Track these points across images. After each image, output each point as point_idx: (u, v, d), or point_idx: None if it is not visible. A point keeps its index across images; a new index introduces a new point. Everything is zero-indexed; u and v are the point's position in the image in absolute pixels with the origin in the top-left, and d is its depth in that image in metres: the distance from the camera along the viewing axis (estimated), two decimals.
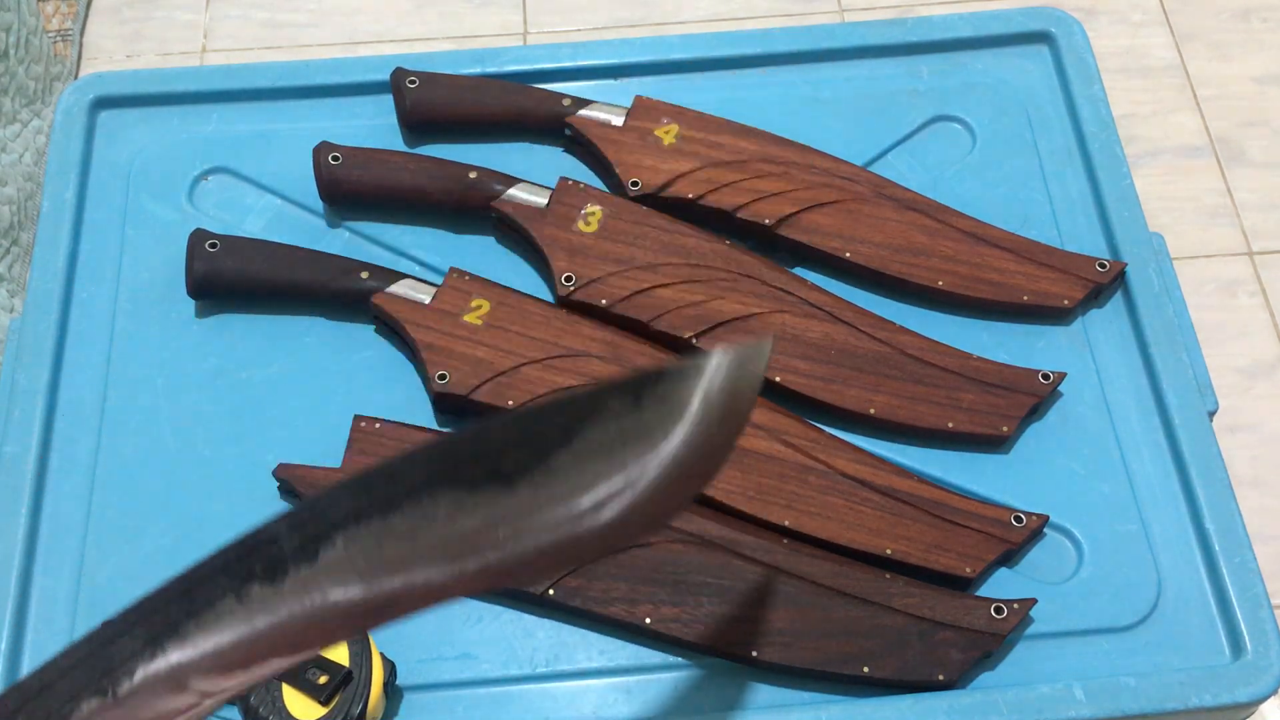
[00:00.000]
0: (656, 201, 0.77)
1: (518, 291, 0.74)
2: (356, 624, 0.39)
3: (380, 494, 0.39)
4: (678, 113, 0.80)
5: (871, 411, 0.71)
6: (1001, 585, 0.67)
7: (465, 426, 0.41)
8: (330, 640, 0.39)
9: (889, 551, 0.67)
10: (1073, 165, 0.81)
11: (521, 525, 0.40)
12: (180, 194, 0.81)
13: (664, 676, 0.65)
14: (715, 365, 0.43)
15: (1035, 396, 0.71)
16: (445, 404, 0.71)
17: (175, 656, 0.37)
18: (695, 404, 0.42)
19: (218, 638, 0.37)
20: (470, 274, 0.74)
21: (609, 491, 0.40)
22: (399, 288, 0.73)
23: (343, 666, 0.60)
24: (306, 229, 0.79)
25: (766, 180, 0.77)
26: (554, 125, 0.81)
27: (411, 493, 0.39)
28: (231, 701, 0.62)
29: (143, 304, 0.77)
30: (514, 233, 0.78)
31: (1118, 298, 0.76)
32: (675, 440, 0.41)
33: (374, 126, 0.83)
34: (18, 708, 0.35)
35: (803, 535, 0.67)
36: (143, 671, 0.36)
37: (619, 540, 0.41)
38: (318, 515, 0.39)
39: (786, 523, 0.67)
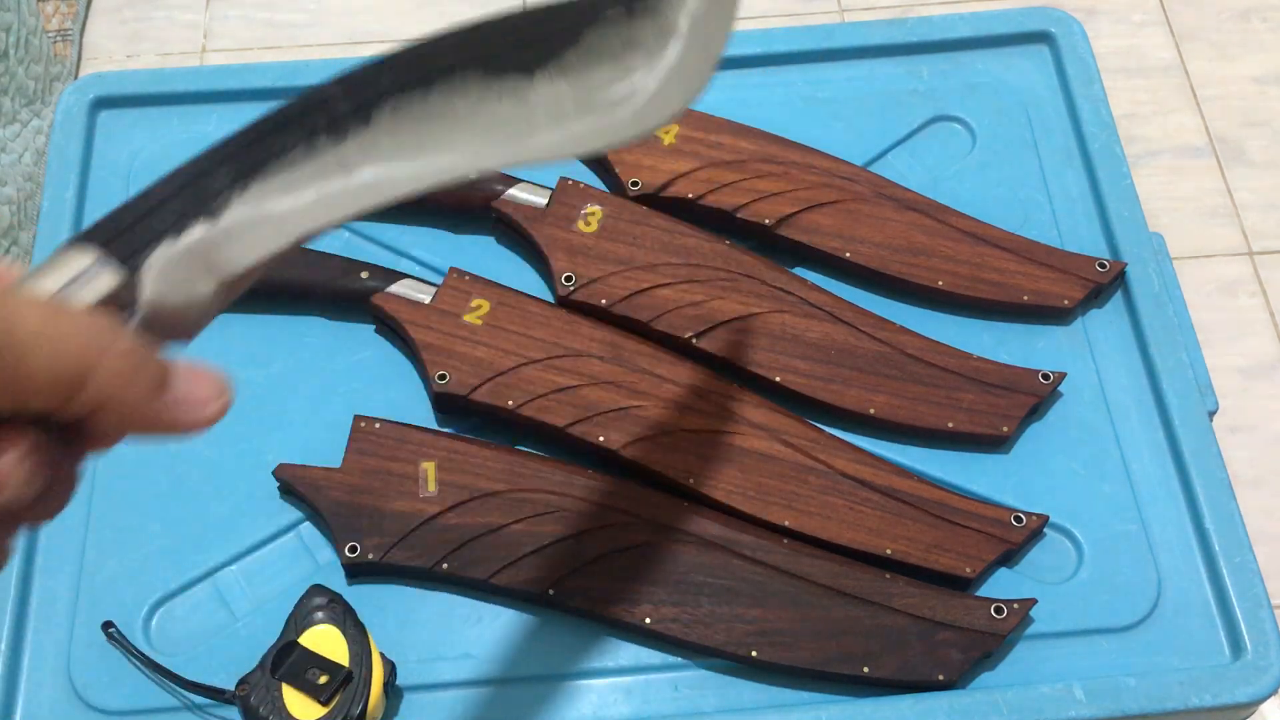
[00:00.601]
0: (656, 201, 0.77)
1: (518, 291, 0.74)
2: (409, 187, 0.42)
3: (418, 70, 0.42)
4: None
5: (871, 411, 0.71)
6: (1001, 585, 0.67)
7: (476, 21, 0.45)
8: (390, 193, 0.42)
9: (889, 551, 0.67)
10: (1073, 165, 0.81)
11: (547, 112, 0.43)
12: None
13: (664, 676, 0.65)
14: None
15: (1035, 396, 0.71)
16: (445, 404, 0.71)
17: (261, 192, 0.40)
18: (682, 22, 0.46)
19: (294, 180, 0.40)
20: (470, 274, 0.74)
21: (620, 91, 0.45)
22: (399, 288, 0.73)
23: (343, 666, 0.60)
24: None
25: (766, 180, 0.77)
26: None
27: (444, 71, 0.42)
28: (223, 699, 0.62)
29: None
30: (514, 233, 0.78)
31: (1118, 298, 0.76)
32: (671, 52, 0.46)
33: None
34: (132, 223, 0.38)
35: (803, 535, 0.67)
36: (237, 203, 0.39)
37: (630, 133, 0.45)
38: (367, 82, 0.42)
39: (786, 523, 0.67)
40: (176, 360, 0.38)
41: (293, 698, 0.60)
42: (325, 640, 0.61)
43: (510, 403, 0.69)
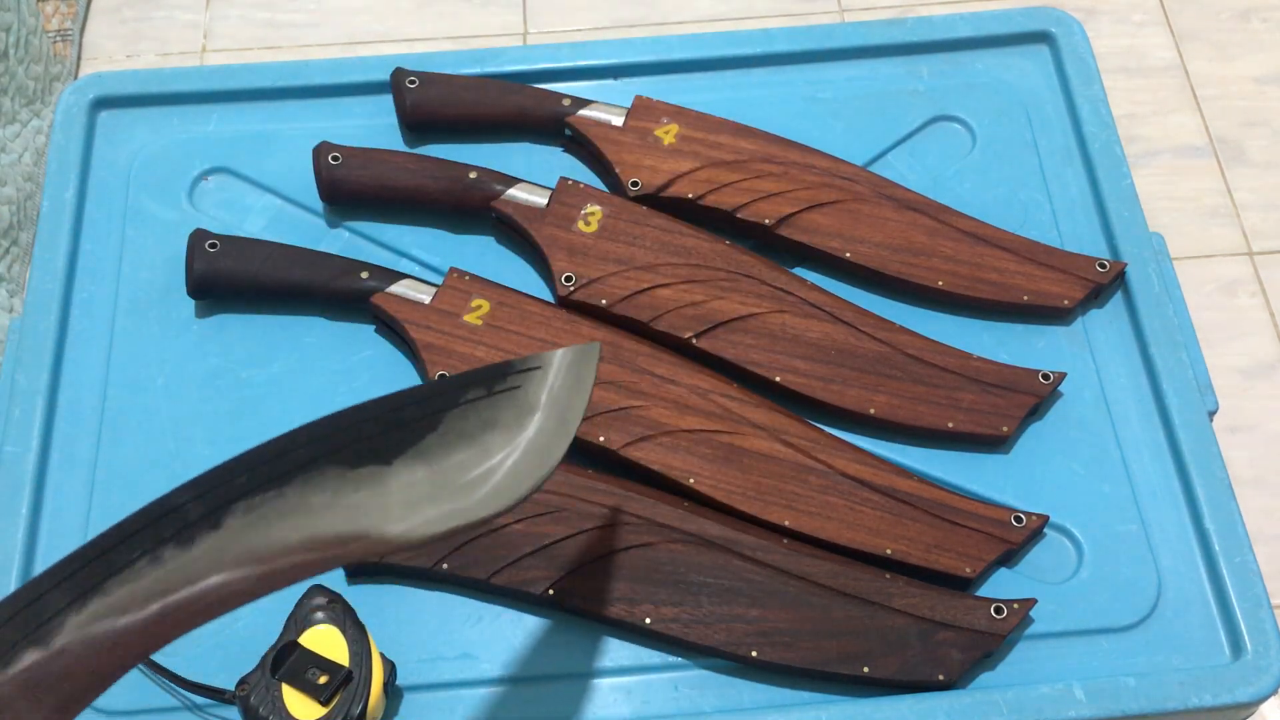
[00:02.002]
0: (656, 201, 0.77)
1: (518, 291, 0.74)
2: (259, 588, 0.42)
3: (273, 467, 0.43)
4: (678, 113, 0.80)
5: (871, 411, 0.71)
6: (1001, 585, 0.67)
7: (331, 415, 0.46)
8: (237, 601, 0.42)
9: (889, 551, 0.67)
10: (1073, 165, 0.81)
11: (402, 500, 0.45)
12: (180, 194, 0.81)
13: (664, 676, 0.65)
14: (557, 364, 0.50)
15: (1035, 396, 0.71)
16: None
17: (100, 610, 0.39)
18: (543, 399, 0.49)
19: (136, 595, 0.40)
20: (470, 274, 0.74)
21: (478, 473, 0.46)
22: (399, 288, 0.73)
23: (343, 666, 0.60)
24: (306, 229, 0.79)
25: (766, 180, 0.77)
26: (554, 125, 0.81)
27: (300, 467, 0.43)
28: (223, 699, 0.62)
29: (143, 304, 0.77)
30: (514, 233, 0.78)
31: (1118, 298, 0.76)
32: (530, 430, 0.48)
33: (374, 126, 0.83)
34: None
35: (803, 535, 0.67)
36: (73, 624, 0.39)
37: (487, 515, 0.47)
38: (219, 485, 0.42)
39: (786, 523, 0.67)
40: None
41: (293, 698, 0.60)
42: (325, 640, 0.61)
43: None
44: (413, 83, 0.80)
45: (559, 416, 0.49)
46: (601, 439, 0.68)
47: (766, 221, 0.76)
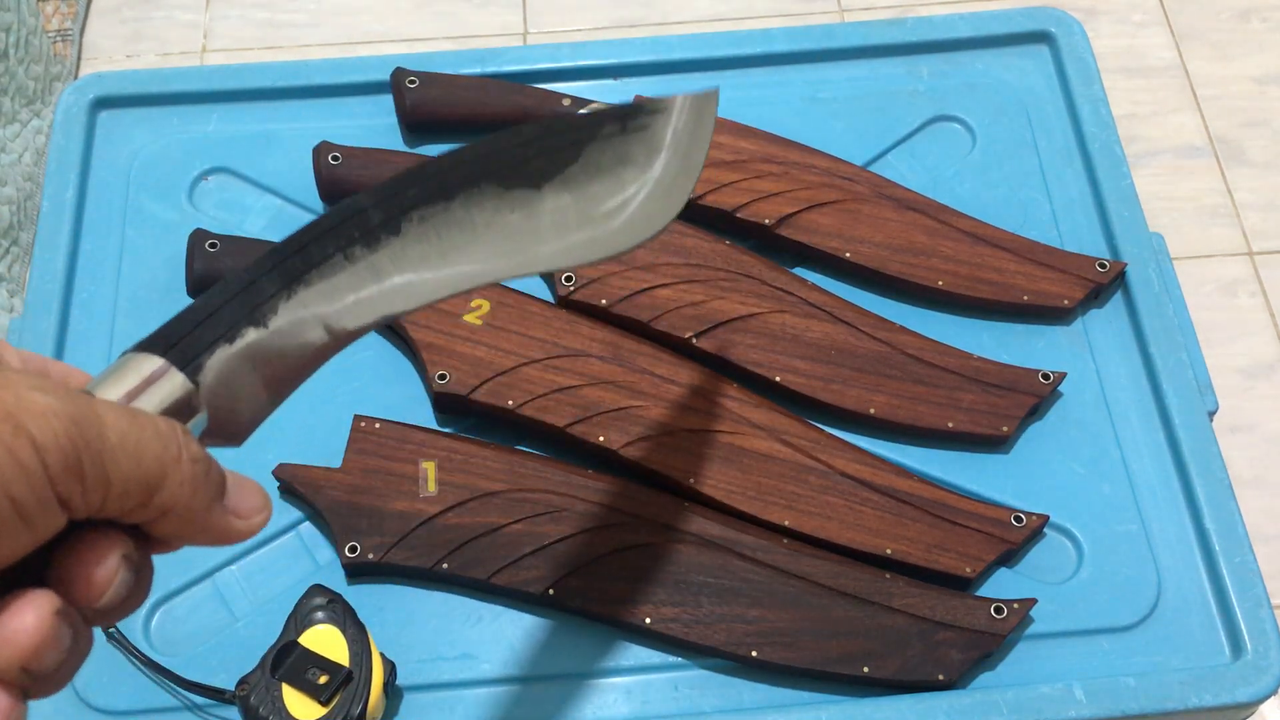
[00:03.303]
0: None
1: (518, 291, 0.74)
2: (433, 293, 0.45)
3: (441, 182, 0.46)
4: None
5: (871, 411, 0.71)
6: (1001, 585, 0.67)
7: (495, 134, 0.49)
8: (415, 302, 0.45)
9: (889, 551, 0.67)
10: (1073, 165, 0.81)
11: (552, 223, 0.48)
12: (180, 194, 0.81)
13: (664, 676, 0.65)
14: (679, 107, 0.52)
15: (1035, 396, 0.71)
16: (445, 404, 0.71)
17: (305, 298, 0.42)
18: (668, 139, 0.52)
19: (334, 287, 0.43)
20: None
21: (613, 204, 0.49)
22: None
23: (343, 666, 0.60)
24: None
25: (766, 180, 0.77)
26: None
27: (462, 184, 0.46)
28: (223, 699, 0.62)
29: (143, 304, 0.77)
30: None
31: (1118, 298, 0.76)
32: (658, 168, 0.51)
33: (374, 126, 0.83)
34: (186, 332, 0.40)
35: (803, 535, 0.67)
36: (285, 308, 0.42)
37: (619, 246, 0.50)
38: (394, 194, 0.45)
39: (786, 523, 0.67)
40: (229, 472, 0.40)
41: (293, 698, 0.60)
42: (325, 640, 0.61)
43: (510, 403, 0.69)
44: (413, 83, 0.80)
45: (683, 157, 0.51)
46: (601, 439, 0.68)
47: (766, 221, 0.76)
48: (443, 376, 0.70)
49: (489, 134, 0.48)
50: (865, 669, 0.63)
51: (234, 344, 0.41)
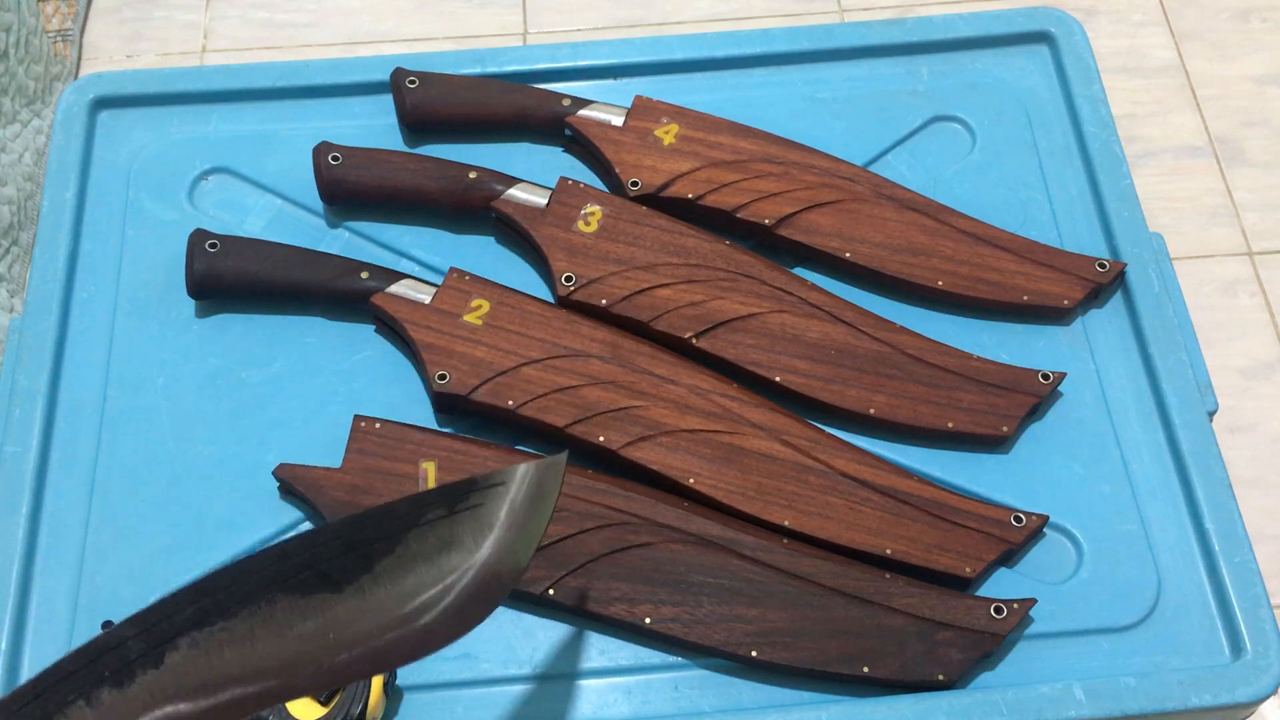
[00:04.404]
0: (656, 201, 0.77)
1: (518, 291, 0.74)
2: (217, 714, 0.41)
3: (221, 598, 0.42)
4: (678, 113, 0.80)
5: (871, 411, 0.71)
6: (1001, 585, 0.67)
7: (298, 535, 0.45)
8: None
9: (889, 551, 0.67)
10: (1073, 165, 0.81)
11: (348, 630, 0.43)
12: (180, 194, 0.81)
13: (664, 676, 0.65)
14: (519, 480, 0.49)
15: (1035, 396, 0.71)
16: (445, 404, 0.71)
17: None
18: (502, 516, 0.47)
19: None
20: (470, 274, 0.74)
21: (428, 597, 0.45)
22: (399, 288, 0.73)
23: None
24: (306, 229, 0.79)
25: (766, 180, 0.77)
26: (554, 125, 0.81)
27: (250, 597, 0.42)
28: None
29: (143, 304, 0.77)
30: (514, 233, 0.78)
31: (1118, 298, 0.76)
32: (485, 550, 0.46)
33: (374, 126, 0.83)
34: None
35: (803, 535, 0.67)
36: None
37: (435, 644, 0.45)
38: (163, 619, 0.41)
39: (786, 523, 0.67)
40: None
41: None
42: None
43: (510, 403, 0.69)
44: (413, 83, 0.80)
45: (516, 533, 0.48)
46: (601, 439, 0.68)
47: (766, 221, 0.76)
48: (443, 376, 0.70)
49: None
50: (865, 669, 0.63)
51: None
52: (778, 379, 0.72)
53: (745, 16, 1.41)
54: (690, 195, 0.77)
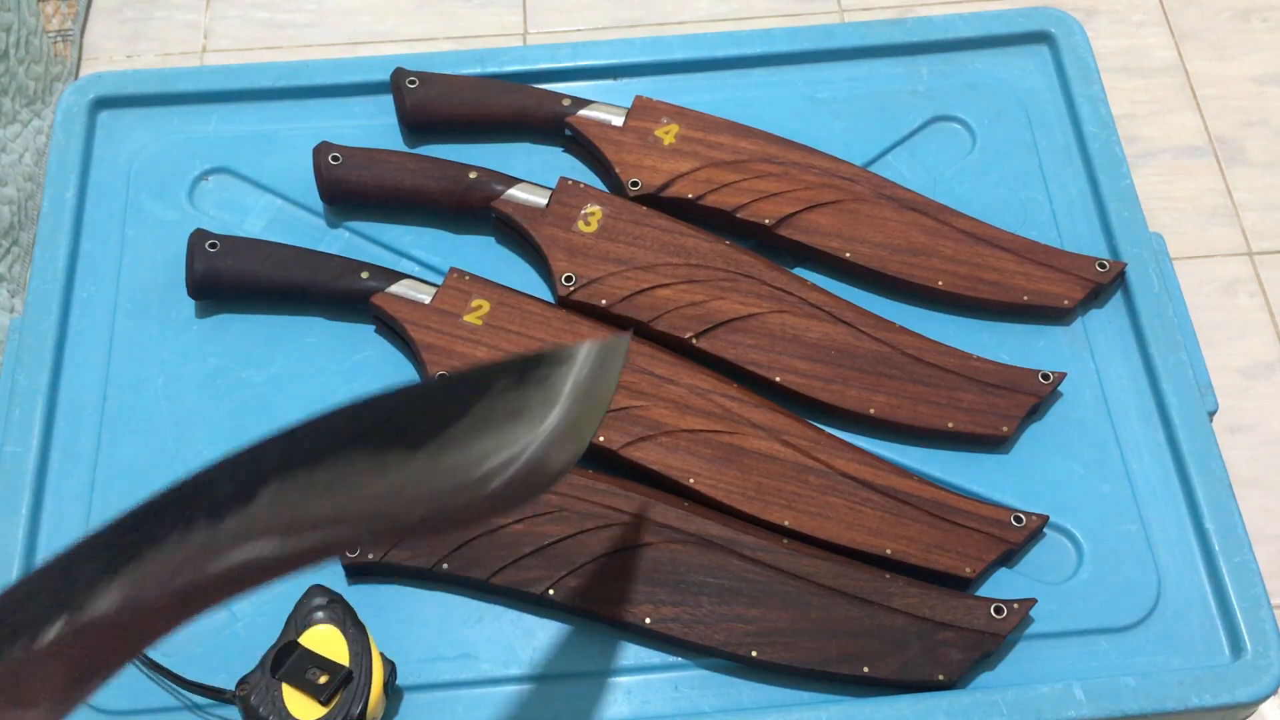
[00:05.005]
0: (656, 201, 0.77)
1: (518, 291, 0.74)
2: (281, 569, 0.42)
3: (306, 447, 0.43)
4: (678, 113, 0.80)
5: (871, 411, 0.71)
6: (1001, 585, 0.67)
7: (376, 394, 0.45)
8: (264, 577, 0.42)
9: (889, 551, 0.67)
10: (1073, 165, 0.81)
11: (422, 488, 0.44)
12: (180, 194, 0.81)
13: (664, 676, 0.65)
14: (584, 356, 0.50)
15: (1035, 396, 0.71)
16: None
17: (132, 581, 0.39)
18: (568, 389, 0.48)
19: (166, 567, 0.39)
20: (470, 274, 0.74)
21: (496, 463, 0.46)
22: (399, 288, 0.73)
23: (343, 666, 0.60)
24: (306, 229, 0.79)
25: (766, 180, 0.77)
26: (554, 125, 0.81)
27: (332, 449, 0.43)
28: (223, 699, 0.62)
29: (143, 304, 0.77)
30: (514, 233, 0.78)
31: (1118, 298, 0.76)
32: (551, 420, 0.47)
33: (374, 126, 0.83)
34: None
35: (803, 535, 0.67)
36: (103, 594, 0.38)
37: (502, 508, 0.47)
38: (250, 464, 0.42)
39: (786, 523, 0.67)
40: None
41: (292, 697, 0.60)
42: (325, 640, 0.61)
43: None
44: (413, 83, 0.80)
45: (582, 405, 0.49)
46: (601, 439, 0.68)
47: (766, 221, 0.76)
48: (443, 376, 0.70)
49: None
50: (865, 669, 0.63)
51: (38, 639, 0.37)
52: (778, 379, 0.72)
53: (745, 16, 1.41)
54: (690, 195, 0.77)
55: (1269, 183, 1.31)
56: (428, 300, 0.73)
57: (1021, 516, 0.67)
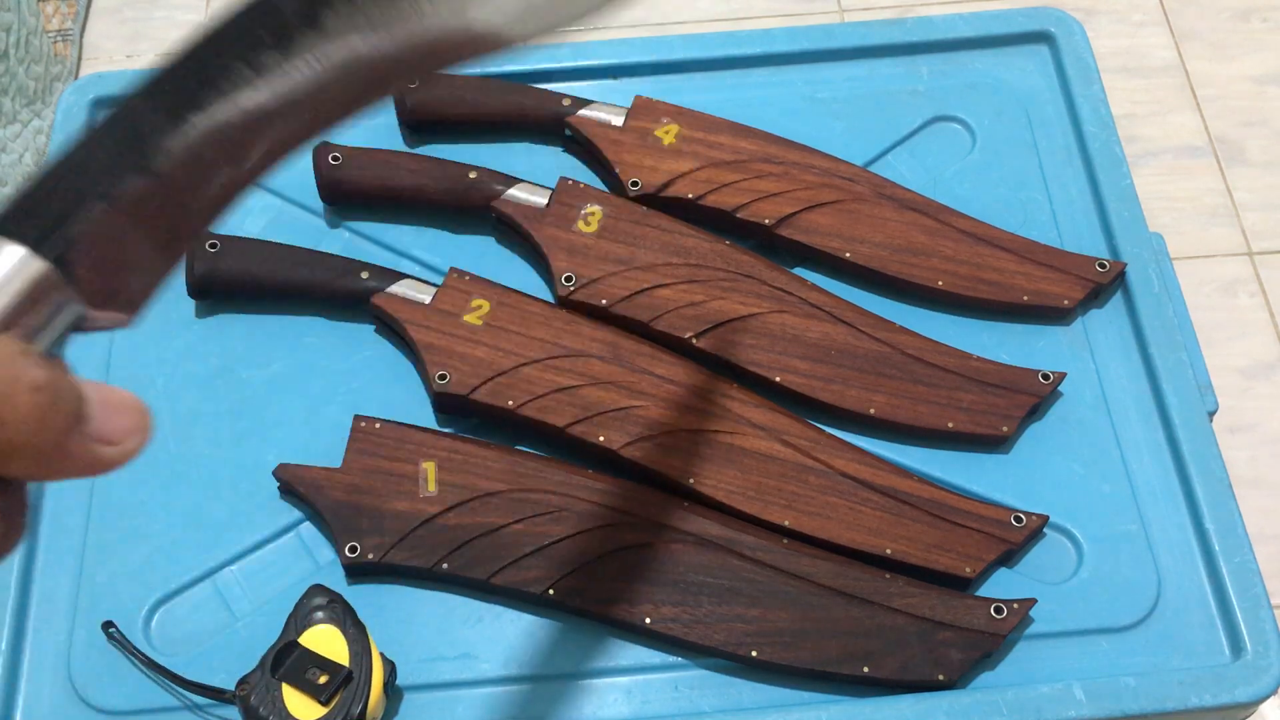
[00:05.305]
0: (656, 201, 0.77)
1: (518, 291, 0.74)
2: (365, 95, 0.37)
3: None
4: (678, 113, 0.80)
5: (871, 411, 0.71)
6: (1001, 585, 0.67)
7: None
8: (342, 112, 0.37)
9: (889, 551, 0.67)
10: (1073, 165, 0.81)
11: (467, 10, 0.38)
12: None
13: (664, 676, 0.65)
14: None
15: (1035, 396, 0.71)
16: (445, 404, 0.71)
17: (202, 128, 0.34)
18: None
19: (238, 108, 0.35)
20: (470, 274, 0.74)
21: None
22: (399, 288, 0.73)
23: (343, 666, 0.60)
24: (306, 229, 0.79)
25: (766, 180, 0.77)
26: (554, 125, 0.81)
27: None
28: (223, 699, 0.62)
29: None
30: (514, 233, 0.78)
31: (1118, 298, 0.76)
32: None
33: (374, 126, 0.83)
34: (55, 187, 0.33)
35: (803, 535, 0.67)
36: (175, 145, 0.34)
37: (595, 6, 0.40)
38: None
39: (786, 523, 0.67)
40: (93, 387, 0.33)
41: (293, 698, 0.60)
42: (325, 640, 0.61)
43: (510, 403, 0.69)
44: (413, 82, 0.80)
45: None
46: (601, 439, 0.68)
47: (766, 221, 0.76)
48: (443, 376, 0.70)
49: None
50: (865, 669, 0.63)
51: (112, 201, 0.33)
52: (778, 379, 0.72)
53: (745, 16, 1.41)
54: (690, 195, 0.77)
55: (1269, 183, 1.31)
56: (428, 300, 0.73)
57: (1021, 516, 0.67)
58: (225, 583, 0.67)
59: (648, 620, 0.64)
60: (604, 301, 0.73)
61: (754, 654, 0.64)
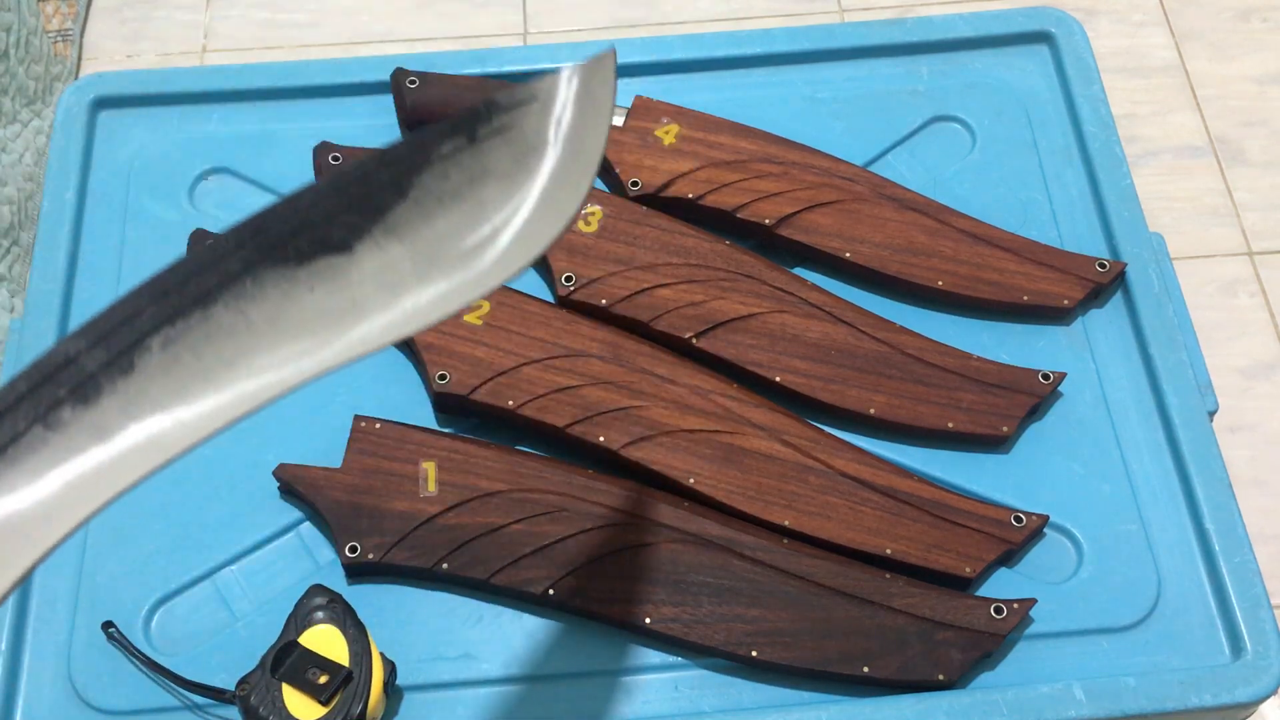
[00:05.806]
0: (656, 201, 0.77)
1: (518, 291, 0.74)
2: (201, 428, 0.35)
3: (192, 289, 0.36)
4: (678, 113, 0.80)
5: (871, 411, 0.71)
6: (1001, 585, 0.67)
7: (264, 210, 0.38)
8: (176, 450, 0.35)
9: (889, 551, 0.67)
10: (1073, 165, 0.81)
11: (377, 286, 0.38)
12: (180, 194, 0.81)
13: (664, 676, 0.65)
14: (559, 90, 0.41)
15: (1035, 396, 0.71)
16: (445, 404, 0.71)
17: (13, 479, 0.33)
18: (547, 133, 0.41)
19: (34, 469, 0.34)
20: None
21: (476, 236, 0.39)
22: None
23: (343, 666, 0.60)
24: None
25: (766, 180, 0.77)
26: None
27: (229, 281, 0.37)
28: (223, 699, 0.62)
29: None
30: None
31: (1118, 298, 0.76)
32: (541, 170, 0.40)
33: (374, 126, 0.83)
34: None
35: (803, 535, 0.67)
36: None
37: (505, 276, 0.39)
38: (120, 324, 0.35)
39: (786, 523, 0.67)
40: None
41: (293, 698, 0.60)
42: (325, 640, 0.61)
43: (510, 403, 0.69)
44: (413, 83, 0.80)
45: (573, 149, 0.41)
46: (601, 439, 0.68)
47: (766, 221, 0.76)
48: (443, 376, 0.70)
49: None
50: (865, 669, 0.63)
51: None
52: (778, 379, 0.72)
53: (745, 16, 1.41)
54: (690, 195, 0.77)
55: (1269, 183, 1.31)
56: None
57: (1021, 516, 0.67)
58: (225, 583, 0.67)
59: (648, 620, 0.64)
60: (604, 301, 0.73)
61: (754, 654, 0.64)
